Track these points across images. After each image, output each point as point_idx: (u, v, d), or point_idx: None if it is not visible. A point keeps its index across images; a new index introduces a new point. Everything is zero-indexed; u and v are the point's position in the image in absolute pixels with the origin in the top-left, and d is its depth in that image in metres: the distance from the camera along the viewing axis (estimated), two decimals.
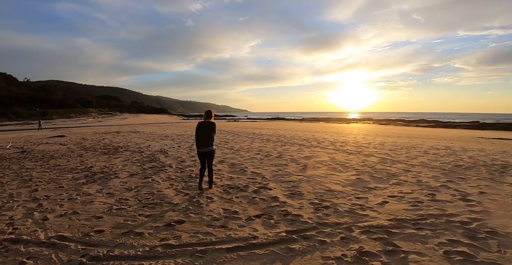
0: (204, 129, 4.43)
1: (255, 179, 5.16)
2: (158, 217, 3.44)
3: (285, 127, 24.27)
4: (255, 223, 3.14)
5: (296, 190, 4.33)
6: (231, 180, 5.16)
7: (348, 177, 5.08)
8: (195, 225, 3.16)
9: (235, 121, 54.88)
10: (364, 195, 4.00)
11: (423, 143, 10.51)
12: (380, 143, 10.28)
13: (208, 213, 3.52)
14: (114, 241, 2.81)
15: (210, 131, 4.43)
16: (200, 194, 4.34)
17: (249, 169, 6.05)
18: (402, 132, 19.27)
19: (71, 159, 8.11)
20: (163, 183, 5.06)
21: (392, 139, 12.59)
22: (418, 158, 6.99)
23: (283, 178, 5.12)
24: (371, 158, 7.06)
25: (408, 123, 44.28)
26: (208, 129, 4.43)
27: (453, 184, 4.57)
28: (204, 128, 4.43)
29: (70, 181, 5.51)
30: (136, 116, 71.37)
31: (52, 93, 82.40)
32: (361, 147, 9.08)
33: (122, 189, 4.77)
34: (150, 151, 9.26)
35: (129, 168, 6.55)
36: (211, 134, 4.42)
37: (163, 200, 4.10)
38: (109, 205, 3.96)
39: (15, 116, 53.49)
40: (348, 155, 7.63)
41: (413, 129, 26.32)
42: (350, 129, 22.97)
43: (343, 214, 3.29)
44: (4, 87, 79.90)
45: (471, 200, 3.74)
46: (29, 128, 29.34)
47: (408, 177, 4.98)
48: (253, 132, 17.76)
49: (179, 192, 4.50)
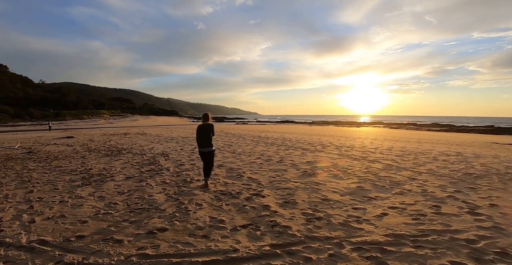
0: (203, 131, 4.78)
1: (250, 185, 4.97)
2: (142, 224, 3.33)
3: (292, 131, 23.95)
4: (240, 234, 2.94)
5: (290, 198, 4.10)
6: (226, 185, 4.99)
7: (348, 185, 4.80)
8: (177, 234, 3.02)
9: (244, 123, 54.90)
10: (362, 206, 3.72)
11: (433, 149, 9.99)
12: (388, 148, 9.85)
13: (194, 221, 3.37)
14: (92, 248, 2.73)
15: (209, 132, 4.78)
16: (191, 200, 4.20)
17: (246, 174, 5.86)
18: (412, 137, 18.55)
19: (73, 160, 8.19)
20: (156, 188, 4.96)
21: (401, 144, 12.08)
22: (426, 165, 6.58)
23: (280, 185, 4.90)
24: (376, 164, 6.71)
25: (419, 127, 42.80)
26: (207, 131, 4.78)
27: (462, 194, 4.20)
28: (203, 130, 4.79)
29: (67, 183, 5.51)
30: (146, 118, 72.79)
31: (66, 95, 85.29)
32: (367, 153, 8.71)
33: (114, 193, 4.70)
34: (152, 153, 9.24)
35: (127, 171, 6.51)
36: (209, 135, 4.78)
37: (151, 206, 3.99)
38: (97, 209, 3.90)
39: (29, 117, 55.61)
40: (352, 161, 7.30)
41: (424, 134, 25.34)
42: (359, 133, 22.36)
43: (336, 227, 3.04)
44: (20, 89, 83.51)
45: (480, 213, 3.40)
46: (41, 129, 30.37)
47: (412, 186, 4.64)
48: (259, 135, 17.58)
49: (170, 197, 4.38)
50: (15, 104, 63.54)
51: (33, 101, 71.14)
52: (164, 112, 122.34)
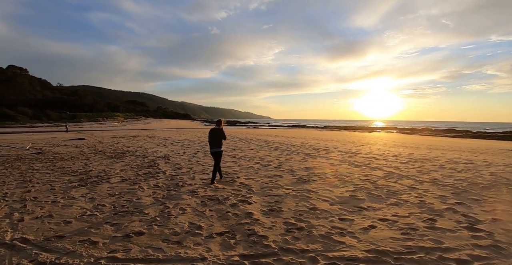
0: (214, 134, 5.48)
1: (240, 191, 4.86)
2: (121, 227, 3.34)
3: (301, 135, 23.64)
4: (213, 242, 2.84)
5: (276, 206, 3.96)
6: (215, 191, 4.91)
7: (342, 194, 4.57)
8: (152, 239, 2.98)
9: (254, 127, 54.92)
10: (350, 217, 3.51)
11: (442, 156, 9.44)
12: (394, 155, 9.42)
13: (172, 226, 3.31)
14: (67, 249, 2.77)
15: (219, 136, 5.46)
16: (176, 204, 4.15)
17: (240, 179, 5.77)
18: (423, 143, 17.71)
19: (77, 161, 8.41)
20: (147, 191, 4.96)
21: (409, 150, 11.54)
22: (430, 173, 6.19)
23: (270, 191, 4.75)
24: (377, 171, 6.40)
25: (434, 132, 41.00)
26: (217, 134, 5.46)
27: (463, 207, 3.87)
28: (214, 134, 5.48)
29: (64, 183, 5.65)
30: (159, 121, 74.53)
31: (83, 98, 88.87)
32: (371, 159, 8.36)
33: (105, 195, 4.75)
34: (154, 156, 9.34)
35: (125, 173, 6.59)
36: (219, 138, 5.47)
37: (136, 209, 3.99)
38: (84, 211, 3.97)
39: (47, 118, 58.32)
40: (353, 167, 7.02)
41: (437, 140, 24.15)
42: (368, 138, 21.69)
43: (315, 239, 2.87)
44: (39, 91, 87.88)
45: (480, 229, 3.10)
46: (57, 130, 31.75)
47: (410, 196, 4.35)
48: (266, 139, 17.45)
49: (157, 201, 4.37)
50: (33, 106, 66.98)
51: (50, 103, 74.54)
52: (177, 115, 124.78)
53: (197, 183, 5.49)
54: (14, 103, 64.45)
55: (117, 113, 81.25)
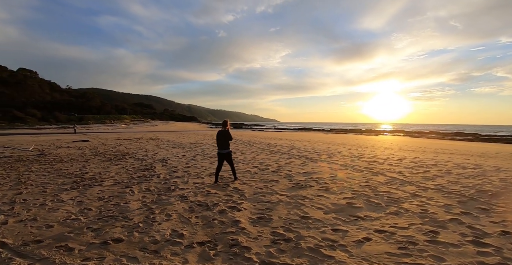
0: (221, 136, 5.62)
1: (232, 196, 4.67)
2: (102, 233, 3.23)
3: (305, 138, 23.29)
4: (192, 253, 2.66)
5: (266, 214, 3.74)
6: (206, 195, 4.73)
7: (338, 201, 4.31)
8: (129, 247, 2.83)
9: (260, 130, 54.73)
10: (344, 227, 3.26)
11: (450, 160, 8.99)
12: (399, 159, 9.05)
13: (154, 233, 3.15)
14: (41, 255, 2.68)
15: (226, 137, 5.59)
16: (163, 210, 4.00)
17: (234, 184, 5.58)
18: (430, 146, 17.08)
19: (75, 163, 8.39)
20: (137, 195, 4.83)
21: (415, 154, 11.08)
22: (435, 179, 5.83)
23: (263, 198, 4.54)
24: (379, 177, 6.09)
25: (442, 136, 39.82)
26: (224, 136, 5.60)
27: (469, 217, 3.56)
28: (221, 135, 5.62)
29: (57, 186, 5.60)
30: (165, 124, 75.15)
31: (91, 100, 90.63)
32: (374, 163, 8.03)
33: (94, 198, 4.65)
34: (153, 159, 9.26)
35: (119, 176, 6.50)
36: (226, 139, 5.60)
37: (122, 214, 3.86)
38: (69, 214, 3.88)
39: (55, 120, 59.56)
40: (354, 172, 6.73)
41: (445, 143, 23.32)
42: (374, 141, 21.15)
43: (302, 252, 2.64)
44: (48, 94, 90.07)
45: (487, 244, 2.80)
46: (64, 132, 32.31)
47: (412, 205, 4.05)
48: (269, 142, 17.22)
49: (144, 205, 4.22)
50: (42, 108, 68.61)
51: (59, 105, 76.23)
52: (183, 118, 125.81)
53: (190, 187, 5.32)
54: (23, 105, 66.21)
55: (124, 116, 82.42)
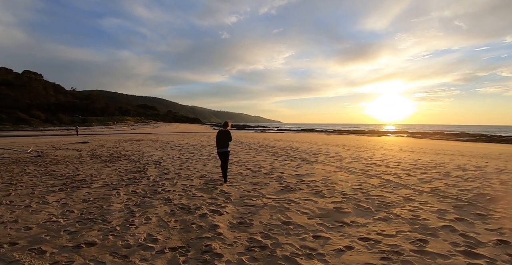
0: (221, 136, 5.85)
1: (217, 199, 4.54)
2: (77, 235, 3.17)
3: (305, 140, 23.07)
4: (161, 259, 2.55)
5: (248, 218, 3.60)
6: (191, 198, 4.63)
7: (326, 205, 4.15)
8: (100, 251, 2.75)
9: (262, 132, 54.58)
10: (327, 234, 3.10)
11: (450, 162, 8.71)
12: (397, 161, 8.80)
13: (129, 237, 3.06)
14: (12, 257, 2.65)
15: (226, 137, 5.83)
16: (144, 213, 3.90)
17: (222, 186, 5.46)
18: (432, 147, 16.66)
19: (70, 165, 8.38)
20: (122, 197, 4.76)
21: (415, 156, 10.79)
22: (433, 182, 5.60)
23: (248, 201, 4.40)
24: (374, 179, 5.89)
25: (446, 136, 39.05)
26: (224, 136, 5.84)
27: (463, 224, 3.35)
28: (221, 135, 5.86)
29: (46, 188, 5.59)
30: (168, 125, 75.49)
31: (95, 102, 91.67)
32: (371, 165, 7.81)
33: (79, 200, 4.61)
34: (147, 161, 9.20)
35: (110, 178, 6.44)
36: (226, 139, 5.83)
37: (102, 216, 3.79)
38: (50, 217, 3.84)
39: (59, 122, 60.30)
40: (349, 174, 6.54)
41: (448, 144, 22.77)
42: (375, 142, 20.79)
43: (276, 261, 2.50)
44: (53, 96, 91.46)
45: (479, 255, 2.59)
46: (67, 134, 32.62)
47: (403, 210, 3.86)
48: (268, 144, 17.07)
49: (127, 208, 4.14)
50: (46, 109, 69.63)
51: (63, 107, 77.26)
52: (186, 119, 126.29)
53: (177, 190, 5.22)
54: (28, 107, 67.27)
55: (128, 117, 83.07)
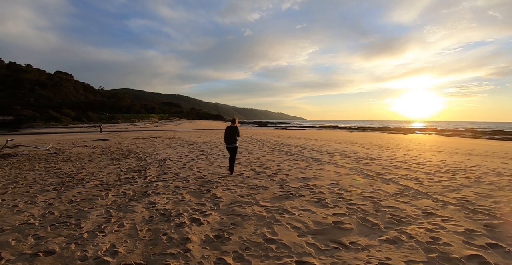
0: (230, 131, 6.30)
1: (204, 205, 4.12)
2: (42, 241, 2.95)
3: (325, 137, 21.98)
4: None
5: (228, 231, 3.12)
6: (178, 203, 4.26)
7: (324, 218, 3.52)
8: (55, 261, 2.56)
9: (283, 129, 53.72)
10: (314, 260, 2.50)
11: (483, 164, 7.42)
12: (421, 162, 7.74)
13: (91, 247, 2.80)
14: None
15: (234, 133, 6.27)
16: (121, 218, 3.59)
17: (217, 189, 5.03)
18: (463, 147, 14.76)
19: (78, 163, 8.51)
20: (110, 198, 4.58)
21: (442, 156, 9.49)
22: (460, 190, 4.65)
23: (237, 209, 3.91)
24: (389, 185, 5.08)
25: (479, 134, 35.01)
26: (232, 131, 6.28)
27: (498, 254, 2.54)
28: (230, 131, 6.30)
29: (43, 186, 5.59)
30: (191, 122, 77.30)
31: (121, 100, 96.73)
32: (389, 167, 6.91)
33: (66, 201, 4.52)
34: (154, 159, 9.10)
35: (108, 177, 6.34)
36: (234, 135, 6.27)
37: (78, 220, 3.61)
38: (28, 218, 3.72)
39: (87, 119, 64.22)
40: (362, 178, 5.77)
41: (481, 143, 20.10)
42: (400, 141, 19.11)
43: None
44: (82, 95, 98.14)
45: None
46: (92, 131, 34.51)
47: (420, 229, 3.12)
48: (284, 141, 16.43)
49: (107, 212, 3.90)
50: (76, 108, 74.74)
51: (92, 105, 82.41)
52: (209, 116, 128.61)
53: (167, 192, 4.89)
54: (59, 105, 72.75)
55: (152, 115, 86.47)
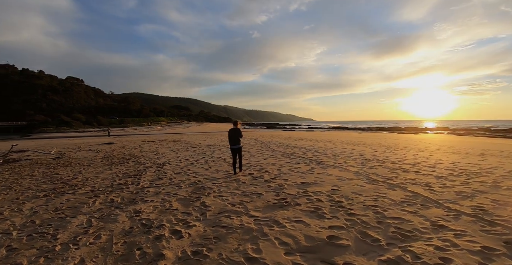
0: (233, 133, 6.68)
1: (190, 215, 3.85)
2: (13, 254, 2.82)
3: (332, 139, 21.35)
4: None
5: (208, 247, 2.82)
6: (163, 212, 4.01)
7: (318, 232, 3.14)
8: None
9: (291, 130, 53.15)
10: None
11: (499, 166, 6.74)
12: (432, 165, 7.17)
13: (59, 262, 2.68)
14: None
15: (237, 134, 6.65)
16: (101, 229, 3.38)
17: (209, 197, 4.73)
18: (477, 147, 13.77)
19: (76, 168, 8.47)
20: (96, 206, 4.43)
21: (455, 158, 8.79)
22: (475, 196, 4.13)
23: (224, 220, 3.60)
24: (396, 192, 4.63)
25: (493, 133, 33.07)
26: (235, 133, 6.67)
27: None
28: (233, 132, 6.69)
29: (34, 193, 5.54)
30: (199, 125, 77.74)
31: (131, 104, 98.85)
32: (397, 171, 6.41)
33: (51, 209, 4.42)
34: (152, 163, 8.96)
35: (102, 182, 6.22)
36: (238, 136, 6.65)
37: (56, 230, 3.48)
38: (10, 227, 3.60)
39: (97, 123, 65.64)
40: (367, 183, 5.33)
41: (496, 142, 18.72)
42: (410, 141, 18.23)
43: None
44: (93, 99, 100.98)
45: None
46: (100, 135, 34.99)
47: (429, 246, 2.70)
48: (289, 143, 16.02)
49: (88, 221, 3.74)
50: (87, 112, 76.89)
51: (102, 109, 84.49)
52: (218, 119, 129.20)
53: (155, 199, 4.64)
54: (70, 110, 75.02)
55: (161, 118, 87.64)
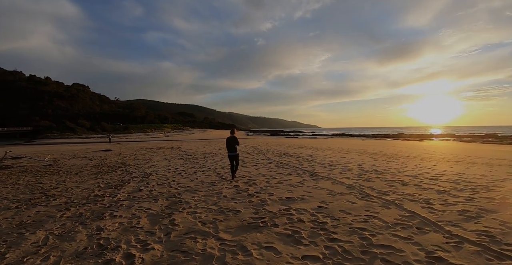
0: (230, 141, 7.15)
1: (153, 234, 3.52)
2: None
3: (333, 147, 20.79)
4: None
5: None
6: (128, 230, 3.72)
7: (288, 264, 2.73)
8: None
9: (294, 137, 52.51)
10: None
11: (508, 178, 6.05)
12: (434, 176, 6.63)
13: None
14: None
15: (234, 142, 7.13)
16: (53, 248, 3.04)
17: (181, 213, 4.37)
18: (483, 155, 12.93)
19: (62, 176, 8.31)
20: (61, 221, 4.20)
21: (460, 168, 8.18)
22: (481, 217, 3.62)
23: (186, 243, 3.22)
24: (390, 210, 4.17)
25: (500, 140, 31.70)
26: (233, 141, 7.14)
27: None
28: (230, 140, 7.15)
29: (9, 203, 5.36)
30: (202, 132, 77.76)
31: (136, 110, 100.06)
32: (395, 184, 5.92)
33: (16, 222, 4.25)
34: (140, 172, 8.73)
35: (80, 193, 5.99)
36: (234, 144, 7.12)
37: (9, 248, 3.23)
38: None
39: (101, 130, 66.22)
40: (359, 200, 4.87)
41: (503, 149, 17.45)
42: (414, 149, 17.46)
43: None
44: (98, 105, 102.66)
45: None
46: (102, 141, 35.05)
47: None
48: (287, 152, 15.58)
49: (45, 239, 3.49)
50: (92, 118, 77.96)
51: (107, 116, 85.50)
52: (222, 125, 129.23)
53: (125, 215, 4.32)
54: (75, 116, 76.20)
55: (166, 124, 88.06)
